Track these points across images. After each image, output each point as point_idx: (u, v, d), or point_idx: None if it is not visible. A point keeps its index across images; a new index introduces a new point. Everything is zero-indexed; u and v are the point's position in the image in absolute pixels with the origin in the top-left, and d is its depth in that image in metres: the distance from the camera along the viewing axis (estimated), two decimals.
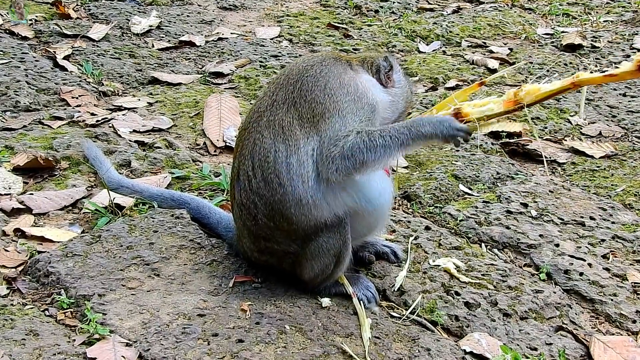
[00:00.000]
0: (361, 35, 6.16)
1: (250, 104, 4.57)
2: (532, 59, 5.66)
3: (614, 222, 3.59)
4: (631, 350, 2.78)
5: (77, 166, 3.80)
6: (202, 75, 5.15)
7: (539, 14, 6.91)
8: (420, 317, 2.86)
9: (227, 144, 4.15)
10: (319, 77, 2.73)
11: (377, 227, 3.00)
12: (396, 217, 3.50)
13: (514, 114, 2.86)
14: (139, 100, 4.66)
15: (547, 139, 4.46)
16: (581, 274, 3.18)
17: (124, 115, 4.42)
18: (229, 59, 5.48)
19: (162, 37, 5.83)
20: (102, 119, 4.32)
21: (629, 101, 4.99)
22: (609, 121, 4.73)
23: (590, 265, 3.24)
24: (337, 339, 2.65)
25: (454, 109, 2.91)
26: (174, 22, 6.15)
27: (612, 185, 3.95)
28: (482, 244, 3.40)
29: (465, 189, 3.85)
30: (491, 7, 6.92)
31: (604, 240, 3.44)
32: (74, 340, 2.57)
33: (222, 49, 5.65)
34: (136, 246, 3.09)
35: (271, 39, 6.01)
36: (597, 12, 6.92)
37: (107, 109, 4.51)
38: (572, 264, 3.23)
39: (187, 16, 6.35)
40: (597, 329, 2.93)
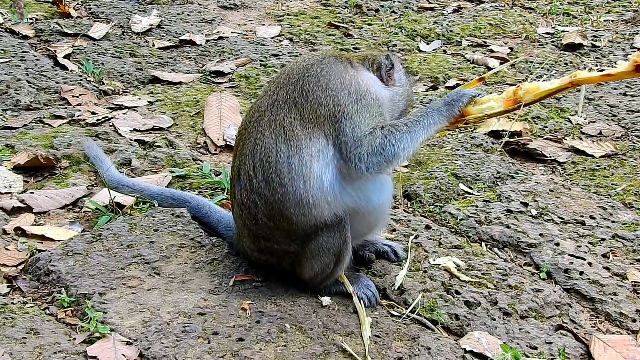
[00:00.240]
0: (362, 34, 6.16)
1: (250, 103, 4.57)
2: (532, 57, 5.66)
3: (614, 222, 3.59)
4: (631, 349, 2.78)
5: (77, 165, 3.80)
6: (202, 74, 5.15)
7: (540, 13, 6.91)
8: (420, 316, 2.86)
9: (228, 142, 4.15)
10: (320, 76, 2.72)
11: (377, 226, 3.01)
12: (396, 216, 3.50)
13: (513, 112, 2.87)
14: (140, 99, 4.66)
15: (547, 138, 4.46)
16: (581, 273, 3.18)
17: (124, 114, 4.42)
18: (229, 58, 5.48)
19: (163, 36, 5.83)
20: (103, 118, 4.32)
21: (629, 100, 4.98)
22: (609, 120, 4.73)
23: (590, 264, 3.24)
24: (337, 338, 2.65)
25: None
26: (175, 21, 6.15)
27: (612, 184, 3.95)
28: (482, 243, 3.40)
29: (465, 188, 3.85)
30: (491, 6, 6.92)
31: (604, 239, 3.44)
32: (75, 338, 2.57)
33: (223, 48, 5.65)
34: (136, 245, 3.09)
35: (272, 38, 6.01)
36: (598, 12, 6.92)
37: (107, 108, 4.51)
38: (572, 263, 3.23)
39: (188, 15, 6.35)
40: (597, 328, 2.93)
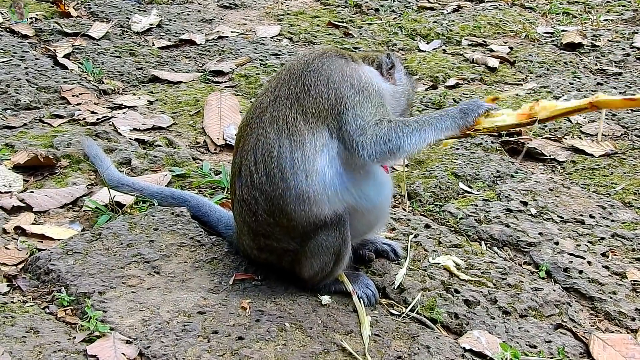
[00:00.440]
0: (361, 34, 6.16)
1: (250, 102, 4.57)
2: (532, 57, 5.67)
3: (613, 221, 3.59)
4: (630, 347, 2.78)
5: (77, 164, 3.80)
6: (202, 73, 5.15)
7: (539, 13, 6.91)
8: (419, 315, 2.86)
9: (227, 142, 4.15)
10: (321, 70, 2.73)
11: (376, 224, 3.01)
12: (396, 215, 3.50)
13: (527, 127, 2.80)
14: (139, 98, 4.66)
15: (547, 138, 4.46)
16: (580, 272, 3.18)
17: (124, 113, 4.42)
18: (229, 57, 5.48)
19: (163, 35, 5.83)
20: (103, 117, 4.32)
21: None
22: (608, 120, 4.73)
23: (589, 263, 3.24)
24: (337, 337, 2.65)
25: None
26: (175, 21, 6.15)
27: (611, 183, 3.95)
28: (482, 242, 3.40)
29: (465, 187, 3.85)
30: (491, 5, 6.92)
31: (603, 238, 3.45)
32: (74, 337, 2.58)
33: (223, 48, 5.65)
34: (136, 244, 3.09)
35: (271, 38, 6.02)
36: (597, 11, 6.92)
37: (107, 107, 4.51)
38: (572, 262, 3.24)
39: (188, 14, 6.35)
40: (596, 327, 2.93)
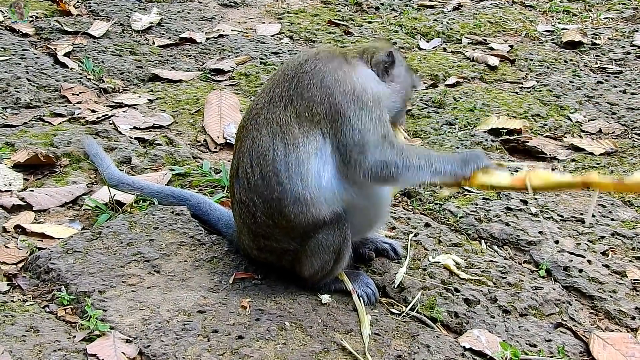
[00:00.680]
0: (362, 32, 6.16)
1: (250, 100, 4.57)
2: (532, 56, 5.66)
3: (613, 219, 3.59)
4: (630, 346, 2.78)
5: (77, 163, 3.80)
6: (202, 72, 5.15)
7: (540, 11, 6.90)
8: (419, 314, 2.86)
9: (228, 140, 4.15)
10: (314, 73, 2.70)
11: (376, 223, 3.01)
12: (396, 214, 3.50)
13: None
14: (140, 97, 4.66)
15: (547, 136, 4.46)
16: (581, 271, 3.18)
17: (124, 112, 4.42)
18: (229, 55, 5.48)
19: (163, 34, 5.83)
20: (103, 116, 4.32)
21: (629, 98, 4.98)
22: (609, 118, 4.73)
23: (589, 262, 3.24)
24: (337, 336, 2.65)
25: None
26: (175, 19, 6.14)
27: None
28: (482, 241, 3.40)
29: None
30: (491, 4, 6.92)
31: (603, 237, 3.45)
32: (74, 336, 2.58)
33: (223, 46, 5.65)
34: (136, 243, 3.09)
35: (272, 36, 6.01)
36: (598, 9, 6.91)
37: (107, 106, 4.51)
38: (572, 260, 3.24)
39: (188, 13, 6.35)
40: (596, 326, 2.93)
